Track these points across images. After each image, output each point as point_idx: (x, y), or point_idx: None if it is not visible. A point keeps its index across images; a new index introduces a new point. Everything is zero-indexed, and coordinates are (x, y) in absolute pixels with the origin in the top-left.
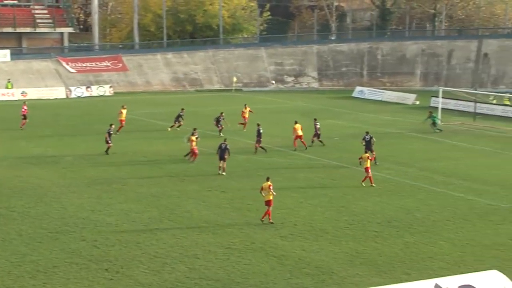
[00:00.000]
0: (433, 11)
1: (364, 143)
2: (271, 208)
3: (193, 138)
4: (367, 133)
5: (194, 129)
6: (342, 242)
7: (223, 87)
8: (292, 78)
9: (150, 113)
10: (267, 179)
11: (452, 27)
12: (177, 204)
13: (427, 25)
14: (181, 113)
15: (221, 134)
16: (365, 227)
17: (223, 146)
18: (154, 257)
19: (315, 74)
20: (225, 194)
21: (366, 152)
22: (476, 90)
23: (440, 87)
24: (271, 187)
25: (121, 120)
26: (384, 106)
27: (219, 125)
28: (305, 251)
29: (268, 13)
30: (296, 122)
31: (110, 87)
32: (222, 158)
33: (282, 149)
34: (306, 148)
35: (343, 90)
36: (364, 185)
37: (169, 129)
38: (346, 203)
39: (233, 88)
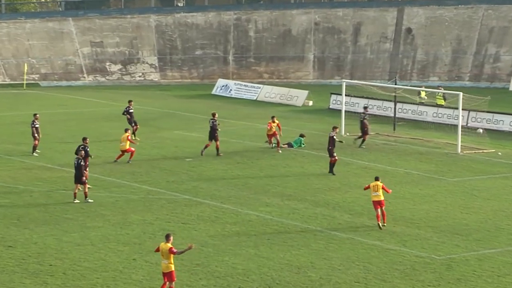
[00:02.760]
0: None
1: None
2: (173, 284)
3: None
4: (334, 128)
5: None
6: None
7: (8, 81)
8: (119, 67)
9: None
10: (167, 238)
11: None
12: None
13: None
14: (129, 109)
15: (37, 152)
16: None
17: (76, 162)
18: None
19: (154, 60)
20: (13, 251)
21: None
22: (396, 84)
23: (343, 80)
24: (173, 251)
25: None
26: (260, 108)
27: (35, 136)
28: None
29: None
30: (126, 131)
31: None
32: (77, 180)
33: (105, 178)
34: None
35: (198, 85)
36: (383, 226)
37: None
38: (204, 259)
39: (24, 82)
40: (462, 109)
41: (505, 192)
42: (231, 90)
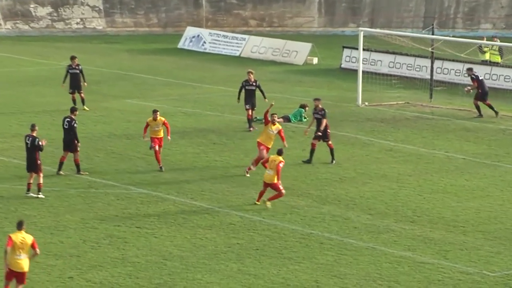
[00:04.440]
0: None
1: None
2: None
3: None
4: (315, 108)
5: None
6: None
7: None
8: (48, 10)
9: None
10: (21, 226)
11: None
12: None
13: None
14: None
15: None
16: None
17: (28, 142)
18: None
19: (97, 0)
20: None
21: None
22: (433, 34)
23: (360, 28)
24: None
25: None
26: (245, 68)
27: None
28: None
29: None
30: (155, 112)
31: None
32: (29, 167)
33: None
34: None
35: (159, 36)
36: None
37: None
38: (167, 277)
39: None
40: None
41: None
42: (204, 42)
